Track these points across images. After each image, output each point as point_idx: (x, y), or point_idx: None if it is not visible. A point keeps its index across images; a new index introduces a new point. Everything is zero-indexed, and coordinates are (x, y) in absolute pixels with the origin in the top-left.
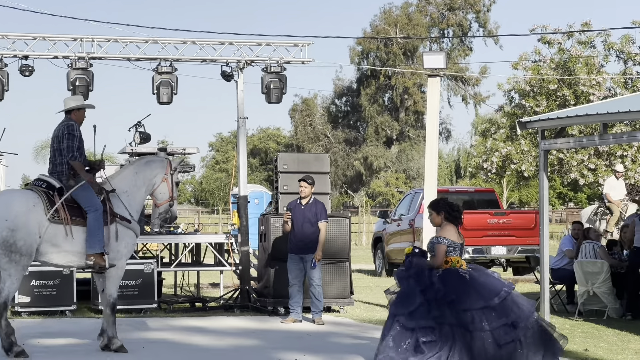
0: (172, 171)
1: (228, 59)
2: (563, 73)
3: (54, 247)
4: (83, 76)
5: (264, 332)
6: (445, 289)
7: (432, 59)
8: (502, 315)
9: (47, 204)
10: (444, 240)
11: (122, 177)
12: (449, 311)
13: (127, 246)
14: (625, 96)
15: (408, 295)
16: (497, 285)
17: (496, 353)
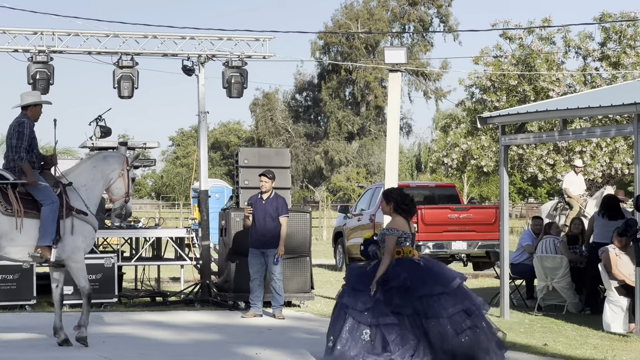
0: (129, 167)
1: (189, 54)
2: (524, 69)
3: (10, 241)
4: (43, 70)
5: (225, 327)
6: (399, 279)
7: (393, 54)
8: (458, 302)
9: (0, 197)
10: (394, 231)
11: (80, 170)
12: (407, 299)
13: (85, 240)
14: (584, 92)
15: (362, 291)
16: (452, 273)
17: (455, 340)
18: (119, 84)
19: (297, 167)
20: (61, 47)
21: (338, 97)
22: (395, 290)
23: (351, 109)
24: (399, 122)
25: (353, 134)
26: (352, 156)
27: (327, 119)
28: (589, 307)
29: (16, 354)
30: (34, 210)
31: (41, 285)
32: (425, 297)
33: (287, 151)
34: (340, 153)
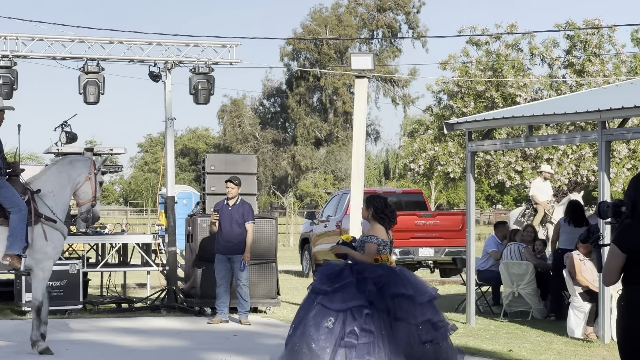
0: (96, 171)
1: (156, 60)
2: (491, 75)
3: None
4: (7, 75)
5: (191, 333)
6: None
7: (360, 60)
8: (427, 313)
9: None
10: (374, 239)
11: (46, 177)
12: (379, 296)
13: (55, 248)
14: (550, 99)
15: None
16: (426, 286)
17: (419, 349)
18: (85, 90)
19: (265, 173)
20: (25, 52)
21: (306, 103)
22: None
23: (319, 116)
24: (365, 128)
25: (321, 140)
26: (320, 162)
27: (295, 125)
28: (554, 313)
29: None
30: (1, 217)
31: (3, 292)
32: (398, 297)
33: (254, 157)
34: (307, 159)
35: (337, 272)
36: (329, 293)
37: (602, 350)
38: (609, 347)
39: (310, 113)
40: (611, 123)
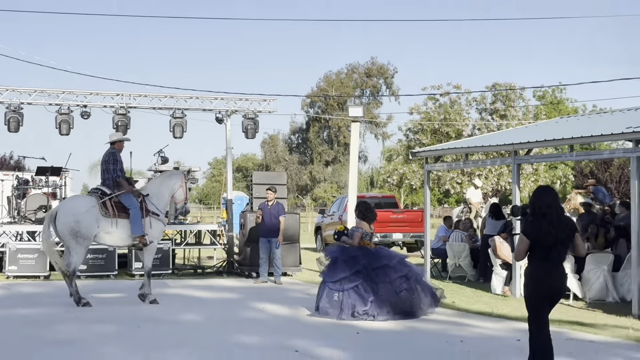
0: (186, 181)
1: (220, 109)
2: (442, 118)
3: (107, 233)
4: (123, 119)
5: (243, 289)
6: (360, 256)
7: (354, 109)
8: (398, 271)
9: (101, 205)
10: (359, 230)
11: (152, 185)
12: (365, 271)
13: (158, 233)
14: (481, 136)
15: (334, 269)
16: (393, 254)
17: (396, 298)
18: (174, 129)
19: (292, 183)
20: (135, 104)
21: (319, 137)
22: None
23: (328, 145)
24: (357, 154)
25: (329, 161)
26: (328, 176)
27: (312, 151)
28: (482, 277)
29: (105, 308)
30: (123, 213)
31: (121, 262)
32: (375, 268)
33: (284, 173)
34: (320, 174)
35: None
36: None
37: (515, 302)
38: (519, 301)
39: (322, 143)
40: (521, 151)
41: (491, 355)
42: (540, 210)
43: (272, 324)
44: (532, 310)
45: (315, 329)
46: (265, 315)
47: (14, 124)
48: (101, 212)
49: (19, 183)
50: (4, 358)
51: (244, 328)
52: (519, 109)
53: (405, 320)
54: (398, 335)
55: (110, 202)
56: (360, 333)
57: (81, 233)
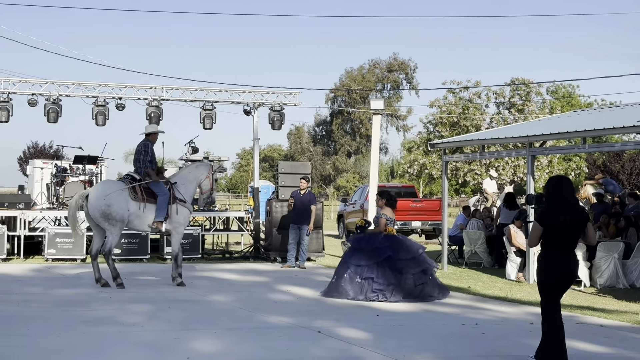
0: (213, 172)
1: (248, 102)
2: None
3: (137, 217)
4: (156, 111)
5: (268, 272)
6: (386, 246)
7: (376, 102)
8: (419, 265)
9: (131, 189)
10: (384, 216)
11: (181, 175)
12: (388, 260)
13: (184, 218)
14: (498, 128)
15: (358, 252)
16: (416, 246)
17: (415, 289)
18: (203, 120)
19: (316, 173)
20: (167, 97)
21: (342, 129)
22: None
23: (350, 137)
24: (378, 145)
25: (351, 152)
26: (351, 166)
27: (335, 143)
28: (497, 264)
29: (137, 289)
30: (152, 198)
31: (153, 246)
32: (400, 260)
33: (309, 163)
34: (343, 164)
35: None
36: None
37: (528, 288)
38: (532, 286)
39: (345, 135)
40: (536, 144)
41: (505, 338)
42: (555, 199)
43: (296, 305)
44: (545, 295)
45: (336, 310)
46: (290, 297)
47: (53, 115)
48: (130, 196)
49: (57, 171)
50: (41, 334)
51: (269, 309)
52: (535, 104)
53: (422, 303)
54: (416, 317)
55: (139, 187)
56: (380, 315)
57: (112, 215)
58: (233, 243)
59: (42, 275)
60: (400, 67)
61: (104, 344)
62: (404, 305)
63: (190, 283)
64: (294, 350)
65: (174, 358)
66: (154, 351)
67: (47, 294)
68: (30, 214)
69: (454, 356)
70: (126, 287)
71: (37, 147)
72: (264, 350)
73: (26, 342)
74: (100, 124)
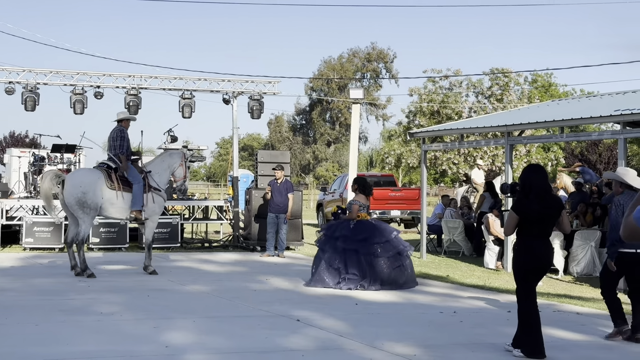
0: (186, 160)
1: (227, 90)
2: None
3: (111, 205)
4: (135, 99)
5: (248, 262)
6: (359, 231)
7: (355, 92)
8: (394, 247)
9: (107, 178)
10: (357, 202)
11: (154, 163)
12: (362, 245)
13: (159, 207)
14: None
15: (331, 240)
16: (390, 229)
17: (390, 272)
18: (182, 109)
19: (295, 162)
20: (146, 85)
21: (322, 118)
22: (353, 241)
23: (330, 126)
24: (358, 135)
25: (331, 141)
26: (330, 156)
27: (315, 131)
28: (475, 253)
29: (116, 278)
30: (127, 187)
31: (132, 235)
32: (375, 243)
33: (288, 152)
34: (322, 153)
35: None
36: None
37: (506, 276)
38: (509, 275)
39: (325, 124)
40: (514, 133)
41: (483, 326)
42: (529, 187)
43: (275, 294)
44: (520, 282)
45: (315, 300)
46: (269, 287)
47: (31, 103)
48: (107, 184)
49: (35, 160)
50: (19, 323)
51: (248, 298)
52: (514, 93)
53: (400, 292)
54: (394, 306)
55: (115, 176)
56: (359, 304)
57: (87, 203)
58: (212, 232)
59: (19, 264)
60: (379, 57)
61: (82, 333)
62: (382, 294)
63: (169, 272)
64: (272, 338)
65: (152, 347)
66: (133, 340)
67: (24, 283)
68: (7, 202)
69: (432, 344)
70: (105, 275)
71: (15, 135)
72: (243, 339)
73: (3, 331)
74: (79, 113)
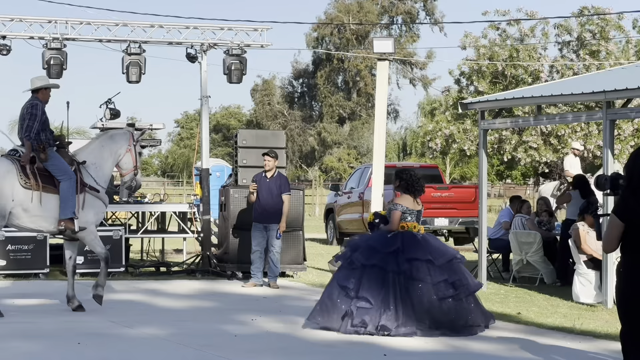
0: (135, 142)
1: (193, 42)
2: (508, 56)
3: (25, 211)
4: (57, 56)
5: (223, 295)
6: (393, 243)
7: (382, 44)
8: (445, 274)
9: (20, 171)
10: (399, 206)
11: (89, 150)
12: (391, 258)
13: (96, 214)
14: (560, 80)
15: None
16: (448, 250)
17: (435, 304)
18: (128, 70)
19: (292, 147)
20: (74, 35)
21: (331, 83)
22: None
23: (343, 95)
24: (386, 107)
25: (344, 117)
26: (344, 138)
27: (321, 103)
28: (559, 280)
29: (30, 319)
30: (50, 185)
31: (54, 255)
32: (414, 260)
33: (283, 133)
34: (332, 135)
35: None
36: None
37: (605, 314)
38: (611, 311)
39: (335, 92)
40: (616, 103)
41: None
42: (638, 181)
43: (265, 341)
44: (627, 321)
45: (324, 349)
46: (255, 331)
47: None
48: (20, 181)
49: None
50: None
51: (225, 346)
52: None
53: (448, 338)
54: (439, 358)
55: (31, 169)
56: (388, 356)
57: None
58: (171, 251)
59: None
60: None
61: None
62: (421, 341)
63: (109, 308)
64: None
65: None
66: None
67: None
68: None
69: None
70: (14, 314)
71: None
72: None
73: None
74: None
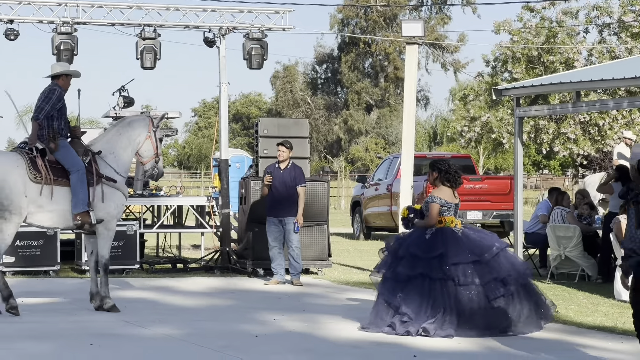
0: (155, 128)
1: (210, 26)
2: (544, 41)
3: (38, 207)
4: (67, 41)
5: (243, 293)
6: (435, 246)
7: (411, 26)
8: (493, 271)
9: (30, 165)
10: (437, 199)
11: (107, 139)
12: (437, 265)
13: (116, 207)
14: (601, 64)
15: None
16: (490, 242)
17: (487, 306)
18: (142, 55)
19: (317, 137)
20: (85, 19)
21: (357, 69)
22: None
23: (370, 81)
24: (415, 93)
25: (372, 105)
26: (371, 127)
27: (347, 90)
28: (601, 276)
29: (40, 319)
30: (63, 178)
31: (65, 251)
32: (460, 264)
33: (306, 121)
34: (359, 123)
35: None
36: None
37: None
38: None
39: (362, 78)
40: None
41: None
42: None
43: (288, 341)
44: None
45: (351, 350)
46: (277, 331)
47: None
48: (29, 176)
49: None
50: None
51: (246, 347)
52: None
53: (481, 338)
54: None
55: (43, 161)
56: (419, 357)
57: (3, 205)
58: (189, 247)
59: None
60: None
61: None
62: (454, 341)
63: (122, 307)
64: None
65: None
66: None
67: None
68: None
69: None
70: (23, 314)
71: None
72: None
73: None
74: None
